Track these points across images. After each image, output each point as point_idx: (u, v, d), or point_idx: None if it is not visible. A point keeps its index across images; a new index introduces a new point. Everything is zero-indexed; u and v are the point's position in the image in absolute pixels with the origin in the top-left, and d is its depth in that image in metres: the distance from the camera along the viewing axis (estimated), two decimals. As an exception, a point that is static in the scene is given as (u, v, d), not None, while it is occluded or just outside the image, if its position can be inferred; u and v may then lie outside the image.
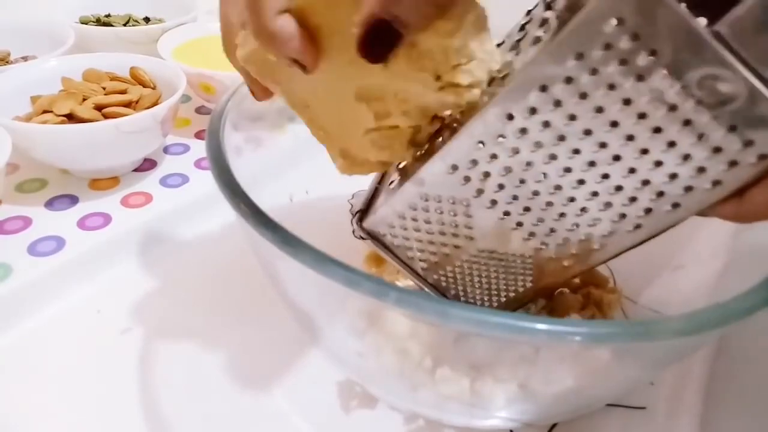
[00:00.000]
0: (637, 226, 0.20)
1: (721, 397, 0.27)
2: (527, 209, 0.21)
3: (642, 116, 0.17)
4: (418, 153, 0.22)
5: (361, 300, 0.19)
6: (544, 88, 0.17)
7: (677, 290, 0.28)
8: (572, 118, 0.18)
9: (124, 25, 0.58)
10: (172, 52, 0.48)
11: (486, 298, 0.26)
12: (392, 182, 0.23)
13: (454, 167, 0.20)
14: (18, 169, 0.41)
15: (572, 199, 0.20)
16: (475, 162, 0.20)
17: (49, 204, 0.38)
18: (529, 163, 0.19)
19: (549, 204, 0.20)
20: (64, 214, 0.37)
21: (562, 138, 0.18)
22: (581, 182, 0.19)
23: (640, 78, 0.16)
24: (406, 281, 0.30)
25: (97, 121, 0.37)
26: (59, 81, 0.41)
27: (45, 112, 0.38)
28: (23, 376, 0.28)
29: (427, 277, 0.25)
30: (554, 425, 0.26)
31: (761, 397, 0.28)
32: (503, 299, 0.25)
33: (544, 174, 0.19)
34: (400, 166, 0.23)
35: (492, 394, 0.22)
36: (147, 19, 0.60)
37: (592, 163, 0.19)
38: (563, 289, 0.28)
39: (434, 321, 0.17)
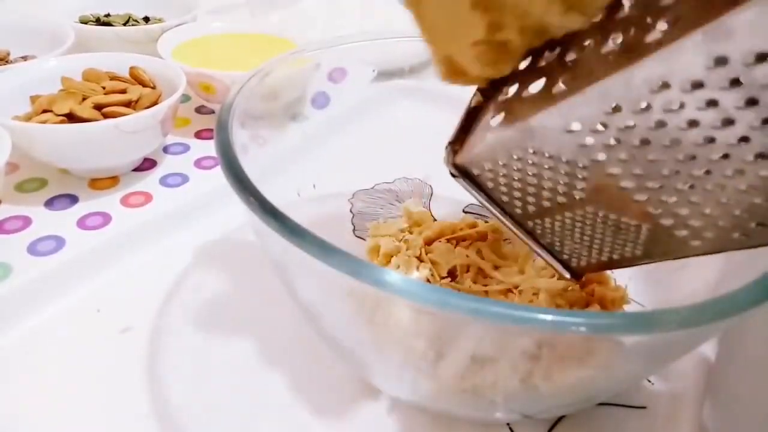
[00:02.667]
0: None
1: (721, 397, 0.28)
2: (658, 188, 0.17)
3: None
4: (529, 90, 0.19)
5: (363, 290, 0.19)
6: (722, 61, 0.14)
7: (679, 290, 0.28)
8: (752, 102, 0.14)
9: (124, 24, 0.58)
10: (172, 52, 0.48)
11: (585, 254, 0.23)
12: (494, 117, 0.20)
13: (573, 128, 0.17)
14: (18, 169, 0.41)
15: (720, 186, 0.17)
16: (603, 126, 0.16)
17: (49, 203, 0.38)
18: (674, 141, 0.16)
19: (689, 186, 0.17)
20: (63, 213, 0.37)
21: (729, 122, 0.15)
22: (740, 172, 0.16)
23: None
24: (410, 273, 0.30)
25: (96, 120, 0.37)
26: (59, 80, 0.41)
27: (44, 111, 0.38)
28: (23, 376, 0.28)
29: (522, 222, 0.23)
30: (555, 424, 0.26)
31: (761, 397, 0.28)
32: (603, 258, 0.23)
33: (693, 156, 0.16)
34: (504, 97, 0.20)
35: (494, 387, 0.22)
36: (147, 19, 0.60)
37: (762, 155, 0.15)
38: (568, 286, 0.28)
39: (435, 310, 0.17)
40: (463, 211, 0.37)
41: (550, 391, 0.21)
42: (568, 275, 0.25)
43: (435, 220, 0.36)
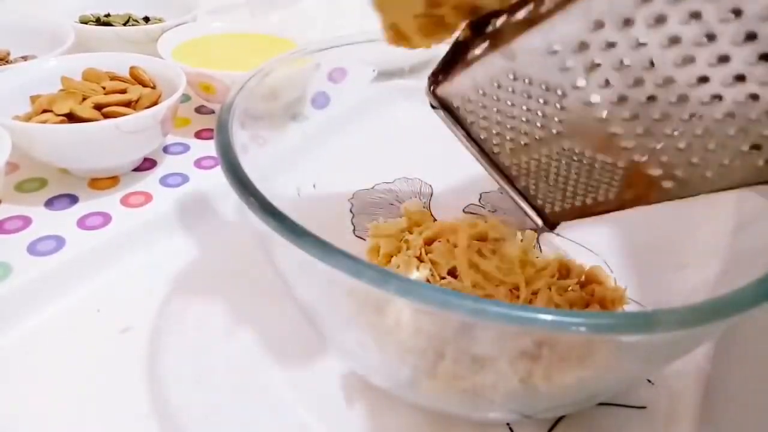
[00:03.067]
0: (752, 148, 0.17)
1: (721, 397, 0.28)
2: (635, 116, 0.17)
3: None
4: (518, 18, 0.18)
5: (363, 290, 0.19)
6: None
7: (679, 290, 0.28)
8: (738, 13, 0.14)
9: (124, 24, 0.58)
10: (172, 52, 0.48)
11: (558, 198, 0.23)
12: (478, 46, 0.20)
13: (555, 48, 0.17)
14: (17, 169, 0.41)
15: (693, 114, 0.16)
16: (583, 46, 0.16)
17: (49, 203, 0.38)
18: (653, 63, 0.16)
19: (664, 115, 0.17)
20: (63, 213, 0.37)
21: (711, 37, 0.14)
22: (717, 97, 0.16)
23: None
24: (410, 273, 0.30)
25: (96, 120, 0.37)
26: (59, 80, 0.41)
27: (44, 111, 0.38)
28: (23, 376, 0.28)
29: (498, 162, 0.23)
30: (555, 424, 0.26)
31: (761, 397, 0.28)
32: (577, 203, 0.22)
33: (671, 78, 0.16)
34: (491, 29, 0.19)
35: (494, 387, 0.22)
36: (147, 19, 0.60)
37: (741, 77, 0.15)
38: (566, 286, 0.28)
39: (436, 310, 0.17)
40: (463, 211, 0.37)
41: (550, 391, 0.21)
42: (540, 222, 0.25)
43: (435, 220, 0.36)
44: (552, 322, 0.16)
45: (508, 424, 0.26)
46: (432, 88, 0.22)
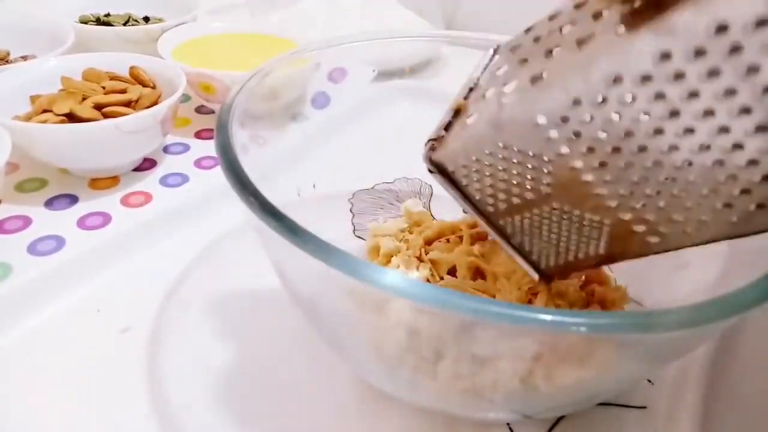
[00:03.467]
0: (725, 206, 0.18)
1: (721, 397, 0.28)
2: (616, 179, 0.19)
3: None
4: (504, 91, 0.19)
5: (363, 290, 0.19)
6: (667, 56, 0.15)
7: (679, 290, 0.28)
8: (695, 94, 0.16)
9: (124, 24, 0.58)
10: (172, 52, 0.48)
11: (552, 254, 0.24)
12: (470, 116, 0.21)
13: (539, 122, 0.18)
14: (17, 169, 0.41)
15: (668, 177, 0.18)
16: (564, 120, 0.17)
17: (49, 203, 0.38)
18: (627, 134, 0.17)
19: (642, 178, 0.18)
20: (63, 213, 0.37)
21: (675, 113, 0.16)
22: (688, 162, 0.17)
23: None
24: (410, 273, 0.30)
25: (96, 120, 0.37)
26: (59, 80, 0.41)
27: (44, 111, 0.38)
28: (23, 376, 0.28)
29: (493, 220, 0.24)
30: (555, 424, 0.26)
31: (761, 397, 0.28)
32: (570, 258, 0.24)
33: (644, 147, 0.17)
34: (484, 94, 0.21)
35: (494, 387, 0.22)
36: (147, 19, 0.60)
37: (707, 147, 0.16)
38: (567, 286, 0.28)
39: (435, 310, 0.17)
40: (464, 211, 0.37)
41: (550, 391, 0.21)
42: (536, 276, 0.26)
43: (434, 219, 0.36)
44: (552, 322, 0.16)
45: (508, 424, 0.26)
46: (429, 153, 0.23)
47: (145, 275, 0.34)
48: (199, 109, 0.51)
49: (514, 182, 0.21)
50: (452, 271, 0.30)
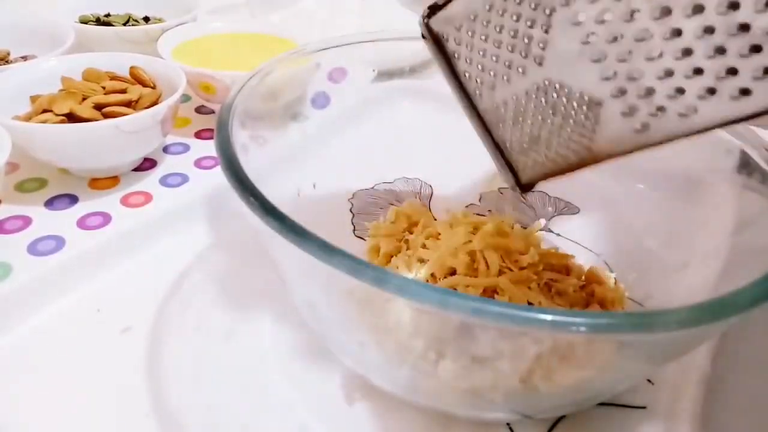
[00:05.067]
0: (745, 92, 0.18)
1: (721, 397, 0.28)
2: (615, 39, 0.18)
3: None
4: None
5: (363, 290, 0.19)
6: None
7: (679, 290, 0.28)
8: None
9: (124, 24, 0.58)
10: (172, 52, 0.48)
11: (533, 149, 0.23)
12: None
13: None
14: (17, 169, 0.41)
15: (675, 33, 0.17)
16: None
17: (49, 203, 0.38)
18: None
19: (641, 39, 0.18)
20: (63, 213, 0.37)
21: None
22: (699, 8, 0.17)
23: None
24: (410, 273, 0.30)
25: (96, 120, 0.37)
26: (59, 80, 0.41)
27: (44, 111, 0.38)
28: (23, 376, 0.28)
29: (478, 107, 0.23)
30: (555, 424, 0.26)
31: (761, 397, 0.28)
32: (551, 155, 0.23)
33: None
34: None
35: (494, 387, 0.22)
36: (147, 19, 0.60)
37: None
38: (566, 286, 0.28)
39: (435, 310, 0.17)
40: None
41: (550, 391, 0.21)
42: (512, 181, 0.25)
43: (435, 219, 0.36)
44: (552, 322, 0.16)
45: (508, 424, 0.26)
46: (427, 18, 0.23)
47: (145, 275, 0.34)
48: (199, 109, 0.51)
49: (510, 47, 0.20)
50: (453, 272, 0.30)
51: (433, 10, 0.23)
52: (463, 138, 0.26)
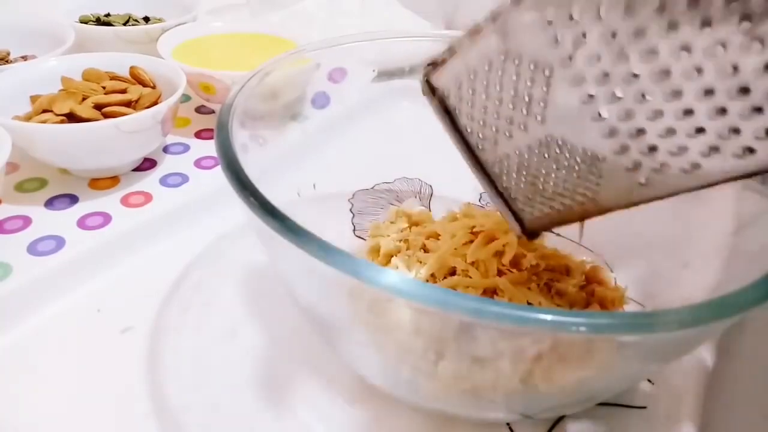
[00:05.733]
0: (748, 151, 0.17)
1: (721, 397, 0.28)
2: (618, 97, 0.18)
3: None
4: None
5: (363, 289, 0.19)
6: None
7: (679, 290, 0.28)
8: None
9: (124, 24, 0.58)
10: (171, 52, 0.48)
11: (537, 200, 0.23)
12: (476, 31, 0.21)
13: (549, 21, 0.17)
14: (17, 169, 0.41)
15: (676, 94, 0.17)
16: (572, 19, 0.17)
17: (49, 203, 0.38)
18: (639, 32, 0.16)
19: (645, 97, 0.17)
20: (63, 213, 0.37)
21: (707, 22, 0.16)
22: (700, 71, 0.17)
23: None
24: (410, 273, 0.30)
25: (96, 120, 0.37)
26: (59, 80, 0.41)
27: (44, 111, 0.38)
28: (23, 376, 0.28)
29: (481, 158, 0.23)
30: (555, 424, 0.26)
31: (761, 397, 0.28)
32: (556, 206, 0.23)
33: (654, 51, 0.17)
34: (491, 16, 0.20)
35: (494, 387, 0.22)
36: (147, 19, 0.60)
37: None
38: (567, 286, 0.28)
39: (435, 310, 0.17)
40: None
41: (550, 391, 0.21)
42: (518, 229, 0.25)
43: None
44: (552, 322, 0.16)
45: (508, 424, 0.26)
46: (426, 75, 0.23)
47: (145, 275, 0.34)
48: (199, 109, 0.51)
49: (511, 105, 0.20)
50: (453, 272, 0.30)
51: (433, 67, 0.23)
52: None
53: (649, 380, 0.28)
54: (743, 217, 0.26)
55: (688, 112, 0.17)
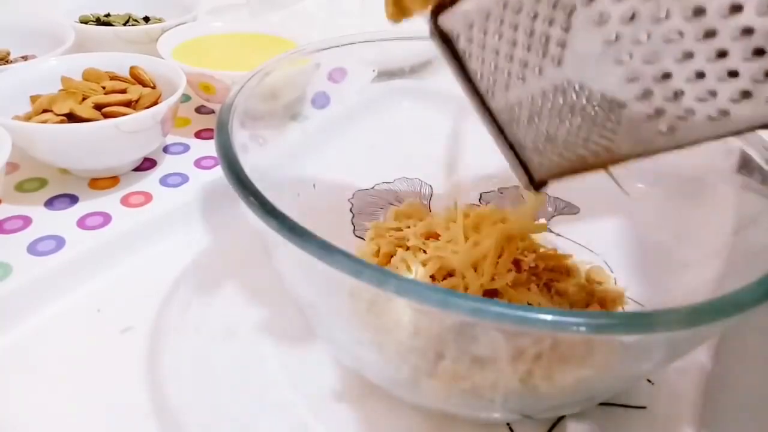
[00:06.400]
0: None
1: (721, 397, 0.28)
2: (642, 39, 0.17)
3: None
4: None
5: (363, 289, 0.19)
6: None
7: (679, 290, 0.28)
8: None
9: (124, 24, 0.58)
10: (171, 52, 0.48)
11: (548, 149, 0.22)
12: None
13: None
14: (18, 169, 0.41)
15: (709, 34, 0.16)
16: None
17: (49, 203, 0.38)
18: None
19: (677, 36, 0.16)
20: (63, 213, 0.37)
21: None
22: (736, 8, 0.15)
23: None
24: (410, 273, 0.30)
25: (96, 120, 0.37)
26: (59, 80, 0.41)
27: (45, 111, 0.38)
28: (23, 376, 0.28)
29: (490, 106, 0.22)
30: (555, 424, 0.26)
31: (761, 397, 0.28)
32: (567, 155, 0.22)
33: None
34: None
35: (494, 387, 0.22)
36: (147, 19, 0.60)
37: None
38: (566, 286, 0.28)
39: (435, 310, 0.17)
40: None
41: (550, 391, 0.21)
42: (526, 180, 0.24)
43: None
44: (552, 322, 0.16)
45: (508, 424, 0.26)
46: (435, 15, 0.21)
47: (145, 275, 0.34)
48: (199, 109, 0.51)
49: (526, 46, 0.19)
50: (453, 272, 0.30)
51: (442, 6, 0.21)
52: (463, 138, 0.26)
53: (649, 380, 0.28)
54: (743, 217, 0.26)
55: (722, 54, 0.16)
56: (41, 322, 0.30)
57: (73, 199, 0.38)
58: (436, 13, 0.21)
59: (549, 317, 0.16)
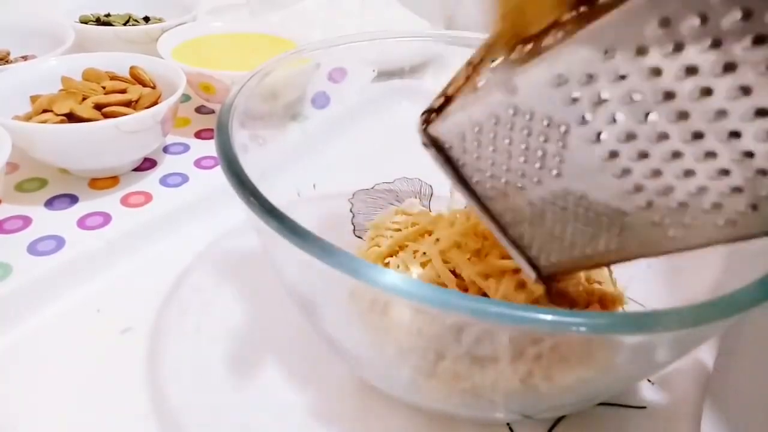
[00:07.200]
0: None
1: (721, 398, 0.28)
2: (644, 155, 0.16)
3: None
4: (518, 54, 0.18)
5: (363, 289, 0.19)
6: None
7: (679, 290, 0.28)
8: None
9: (124, 24, 0.58)
10: (171, 52, 0.48)
11: (554, 248, 0.22)
12: (480, 83, 0.19)
13: (561, 79, 0.16)
14: (18, 169, 0.41)
15: (710, 155, 0.16)
16: (591, 78, 0.15)
17: (49, 203, 0.38)
18: (669, 95, 0.15)
19: (676, 155, 0.16)
20: (63, 213, 0.37)
21: (730, 67, 0.14)
22: (735, 134, 0.15)
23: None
24: (410, 273, 0.30)
25: (96, 120, 0.37)
26: (59, 80, 0.41)
27: (45, 111, 0.38)
28: (23, 376, 0.28)
29: (490, 207, 0.22)
30: (555, 424, 0.26)
31: (761, 397, 0.28)
32: (575, 254, 0.21)
33: (686, 114, 0.15)
34: (494, 65, 0.19)
35: (494, 387, 0.22)
36: (147, 19, 0.60)
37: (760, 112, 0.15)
38: (567, 286, 0.28)
39: (435, 310, 0.17)
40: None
41: (550, 391, 0.21)
42: (534, 276, 0.24)
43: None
44: (552, 322, 0.16)
45: (508, 424, 0.26)
46: (424, 126, 0.21)
47: (145, 275, 0.34)
48: (199, 109, 0.51)
49: (522, 159, 0.19)
50: (453, 272, 0.30)
51: (429, 115, 0.21)
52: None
53: (649, 380, 0.28)
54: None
55: (724, 173, 0.16)
56: (41, 322, 0.30)
57: (73, 199, 0.38)
58: (424, 123, 0.21)
59: (549, 317, 0.16)
